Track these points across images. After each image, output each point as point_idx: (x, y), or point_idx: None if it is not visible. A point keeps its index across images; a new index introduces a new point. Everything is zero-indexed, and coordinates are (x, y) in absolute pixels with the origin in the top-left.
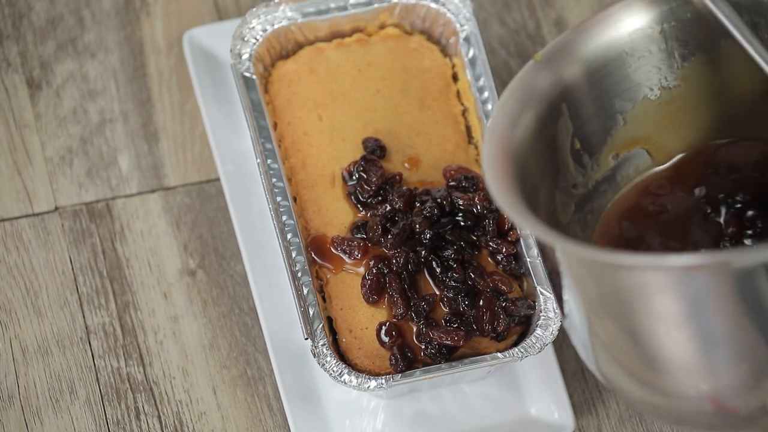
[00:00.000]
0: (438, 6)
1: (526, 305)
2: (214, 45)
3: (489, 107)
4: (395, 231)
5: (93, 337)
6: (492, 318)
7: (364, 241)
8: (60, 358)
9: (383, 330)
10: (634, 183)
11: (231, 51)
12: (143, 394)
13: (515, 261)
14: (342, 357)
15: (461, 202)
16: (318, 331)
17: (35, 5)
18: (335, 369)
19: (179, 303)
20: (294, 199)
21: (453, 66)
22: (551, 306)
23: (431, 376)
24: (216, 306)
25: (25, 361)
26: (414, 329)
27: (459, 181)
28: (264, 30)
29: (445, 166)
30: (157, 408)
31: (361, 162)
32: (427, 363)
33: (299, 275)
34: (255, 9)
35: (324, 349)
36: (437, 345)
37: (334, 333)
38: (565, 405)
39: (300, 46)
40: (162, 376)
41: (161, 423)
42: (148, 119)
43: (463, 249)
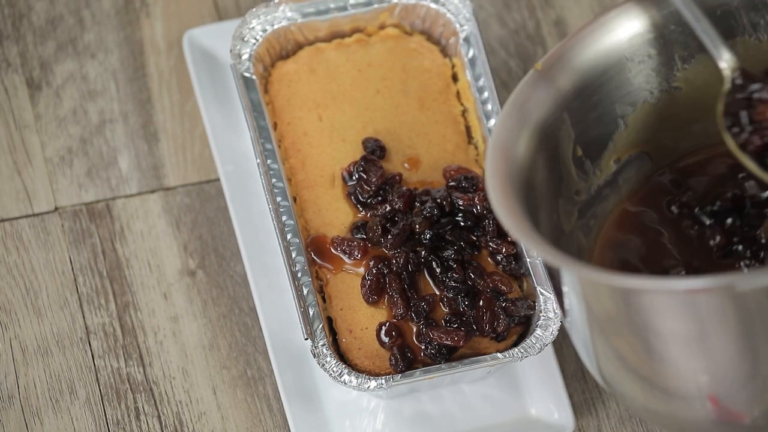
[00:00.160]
0: (438, 6)
1: (526, 305)
2: (214, 45)
3: (489, 107)
4: (395, 231)
5: (93, 338)
6: (492, 318)
7: (364, 242)
8: (60, 358)
9: (383, 330)
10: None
11: (231, 51)
12: (143, 394)
13: (515, 261)
14: (342, 357)
15: (461, 202)
16: (318, 332)
17: (35, 5)
18: (335, 369)
19: (179, 303)
20: (294, 200)
21: (453, 66)
22: (551, 306)
23: (431, 376)
24: (216, 306)
25: (25, 362)
26: (414, 329)
27: (459, 182)
28: (264, 30)
29: (445, 166)
30: (157, 408)
31: (361, 162)
32: (427, 363)
33: (299, 275)
34: (255, 9)
35: (324, 350)
36: (437, 345)
37: (334, 333)
38: (565, 405)
39: (300, 46)
40: (162, 376)
41: (161, 423)
42: (148, 119)
43: (463, 249)
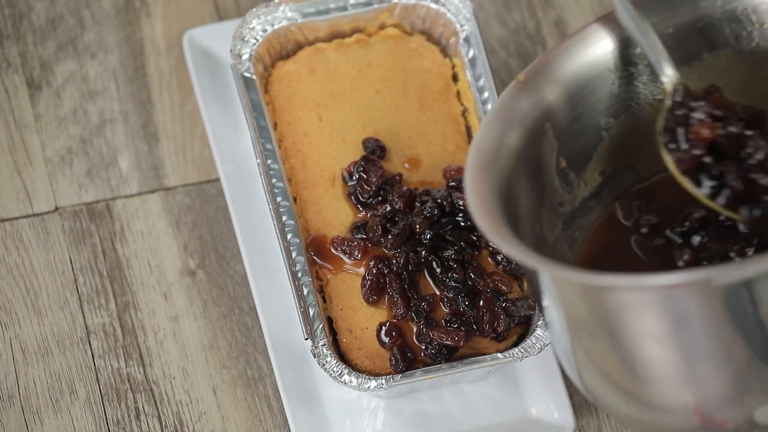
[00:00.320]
0: (438, 6)
1: (526, 305)
2: (214, 45)
3: (489, 107)
4: (395, 231)
5: (93, 338)
6: (492, 318)
7: (364, 242)
8: (60, 358)
9: (383, 330)
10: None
11: (231, 51)
12: (143, 394)
13: (515, 261)
14: (342, 357)
15: (461, 202)
16: (318, 332)
17: (35, 5)
18: (335, 369)
19: (179, 303)
20: (294, 200)
21: (453, 66)
22: None
23: (431, 376)
24: (216, 306)
25: (25, 361)
26: (414, 329)
27: (459, 182)
28: (264, 30)
29: (445, 166)
30: (157, 408)
31: (361, 162)
32: (428, 363)
33: (299, 275)
34: (255, 9)
35: (324, 350)
36: (437, 345)
37: (334, 333)
38: (565, 405)
39: (300, 46)
40: (162, 376)
41: (161, 423)
42: (148, 119)
43: (463, 249)
